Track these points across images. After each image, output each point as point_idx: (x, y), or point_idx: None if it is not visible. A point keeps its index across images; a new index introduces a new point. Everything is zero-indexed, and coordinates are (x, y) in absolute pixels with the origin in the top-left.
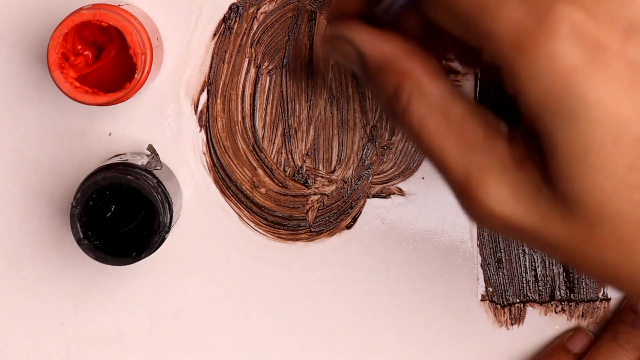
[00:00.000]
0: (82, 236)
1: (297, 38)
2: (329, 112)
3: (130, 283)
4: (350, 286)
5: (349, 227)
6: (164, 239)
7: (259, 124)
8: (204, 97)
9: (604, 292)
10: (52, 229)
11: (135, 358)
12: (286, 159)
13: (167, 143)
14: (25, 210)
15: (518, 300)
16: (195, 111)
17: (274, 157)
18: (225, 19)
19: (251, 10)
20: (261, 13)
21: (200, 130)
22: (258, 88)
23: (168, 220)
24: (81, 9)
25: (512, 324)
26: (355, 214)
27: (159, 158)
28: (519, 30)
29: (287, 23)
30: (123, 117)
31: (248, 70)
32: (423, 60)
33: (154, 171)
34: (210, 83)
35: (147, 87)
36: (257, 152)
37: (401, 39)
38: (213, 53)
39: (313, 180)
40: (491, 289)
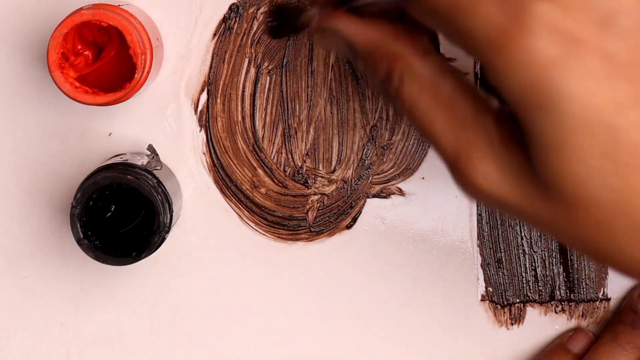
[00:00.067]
0: (82, 236)
1: (297, 38)
2: (329, 112)
3: (130, 283)
4: (350, 286)
5: (349, 227)
6: (164, 239)
7: (259, 124)
8: (204, 97)
9: (604, 292)
10: (52, 229)
11: (135, 358)
12: (286, 159)
13: (167, 143)
14: (25, 210)
15: (518, 300)
16: (195, 111)
17: (274, 157)
18: (225, 19)
19: (251, 10)
20: (261, 13)
21: (200, 130)
22: (258, 88)
23: (168, 220)
24: (81, 9)
25: (512, 324)
26: (355, 214)
27: (159, 158)
28: (496, 28)
29: None
30: (123, 117)
31: (248, 70)
32: (411, 41)
33: (154, 171)
34: (210, 83)
35: (147, 87)
36: (257, 152)
37: (387, 23)
38: (213, 53)
39: (313, 180)
40: (491, 289)
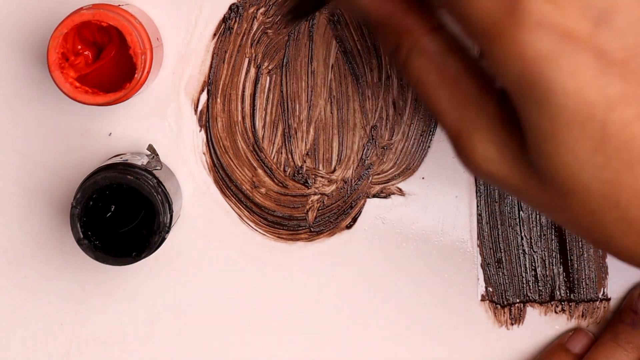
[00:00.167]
0: (82, 236)
1: (297, 38)
2: (329, 112)
3: (130, 283)
4: (350, 286)
5: (349, 227)
6: (164, 239)
7: (259, 124)
8: (204, 97)
9: (604, 292)
10: (52, 229)
11: (135, 358)
12: (286, 159)
13: (167, 143)
14: (25, 210)
15: (518, 300)
16: (195, 111)
17: (274, 157)
18: (225, 19)
19: (251, 10)
20: (261, 13)
21: (200, 130)
22: (258, 88)
23: (168, 220)
24: (81, 9)
25: (512, 324)
26: (355, 214)
27: (159, 158)
28: (491, 19)
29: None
30: (123, 117)
31: (248, 70)
32: (421, 16)
33: (154, 171)
34: (210, 83)
35: (147, 87)
36: (257, 152)
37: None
38: (213, 53)
39: (313, 180)
40: (491, 289)
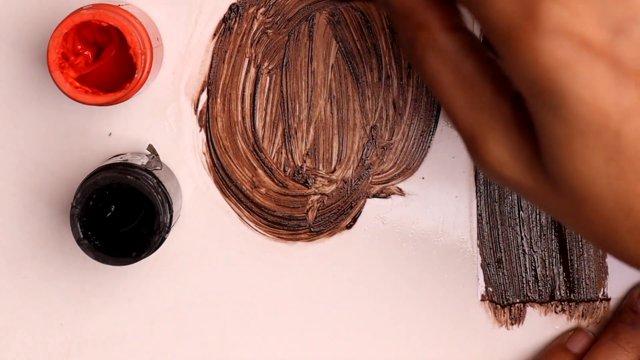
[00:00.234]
0: (82, 236)
1: (297, 38)
2: (329, 112)
3: (130, 283)
4: (350, 286)
5: (349, 227)
6: (164, 239)
7: (259, 124)
8: (204, 97)
9: (604, 292)
10: (52, 229)
11: (135, 358)
12: (286, 159)
13: (167, 143)
14: (25, 210)
15: (518, 300)
16: (195, 111)
17: (274, 157)
18: (225, 19)
19: (251, 10)
20: (261, 13)
21: (200, 130)
22: (258, 88)
23: (168, 220)
24: (81, 9)
25: (512, 324)
26: (355, 214)
27: (159, 158)
28: (510, 22)
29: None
30: (123, 117)
31: (248, 70)
32: (442, 13)
33: (154, 171)
34: (210, 83)
35: (147, 87)
36: (257, 152)
37: None
38: (213, 53)
39: (313, 180)
40: (491, 289)
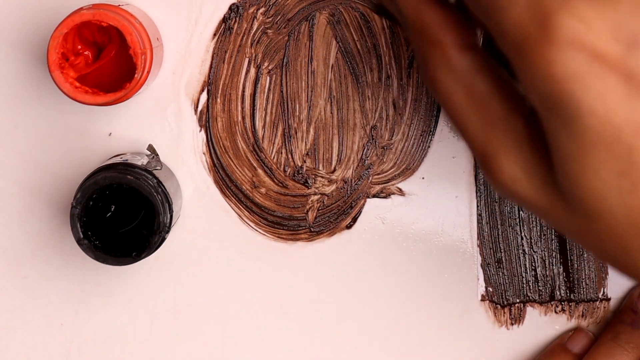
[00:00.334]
0: (82, 236)
1: (297, 38)
2: (329, 112)
3: (130, 283)
4: (350, 286)
5: (349, 227)
6: (164, 239)
7: (259, 124)
8: (204, 97)
9: (604, 292)
10: (52, 229)
11: (135, 358)
12: (286, 159)
13: (167, 143)
14: (25, 210)
15: (518, 300)
16: (195, 111)
17: (274, 157)
18: (225, 19)
19: (251, 10)
20: (261, 13)
21: (200, 130)
22: (258, 88)
23: (168, 220)
24: (81, 9)
25: (512, 324)
26: (355, 214)
27: (159, 158)
28: (524, 33)
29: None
30: (123, 117)
31: (248, 70)
32: (456, 31)
33: (154, 171)
34: (210, 83)
35: (147, 87)
36: (257, 152)
37: (440, 8)
38: (213, 53)
39: (313, 180)
40: (491, 289)
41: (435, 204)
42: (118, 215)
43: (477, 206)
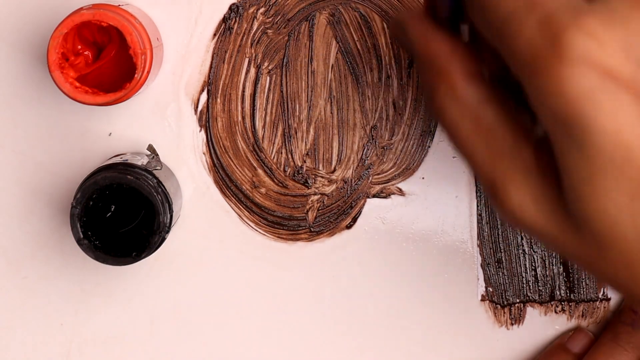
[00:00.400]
0: (82, 236)
1: (297, 38)
2: (329, 112)
3: (130, 283)
4: (350, 286)
5: (349, 227)
6: (164, 239)
7: (259, 124)
8: (204, 97)
9: (604, 292)
10: (52, 229)
11: (135, 358)
12: (286, 159)
13: (167, 143)
14: (25, 210)
15: (518, 300)
16: (195, 111)
17: (274, 157)
18: (225, 19)
19: (251, 10)
20: (261, 13)
21: (200, 130)
22: (258, 88)
23: (168, 220)
24: (81, 9)
25: (512, 324)
26: (355, 214)
27: (159, 158)
28: (534, 53)
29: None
30: (123, 117)
31: (248, 70)
32: (463, 63)
33: (154, 171)
34: (210, 83)
35: (147, 87)
36: (257, 152)
37: (448, 40)
38: (213, 53)
39: (313, 180)
40: (491, 289)
41: (435, 204)
42: (118, 215)
43: (477, 206)
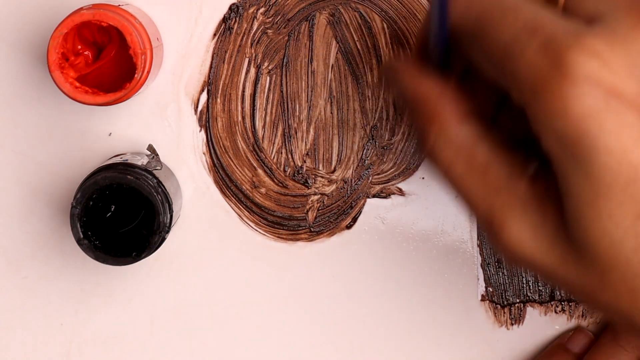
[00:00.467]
0: (82, 236)
1: (297, 38)
2: (329, 112)
3: (130, 283)
4: (350, 286)
5: (349, 227)
6: (164, 239)
7: (259, 124)
8: (204, 97)
9: None
10: (52, 229)
11: (135, 358)
12: (286, 159)
13: (167, 143)
14: (25, 210)
15: (518, 300)
16: (195, 111)
17: (274, 157)
18: (225, 19)
19: (251, 10)
20: (261, 13)
21: (200, 130)
22: (258, 88)
23: (168, 220)
24: (81, 9)
25: (512, 324)
26: (355, 214)
27: (159, 158)
28: (537, 75)
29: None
30: (123, 117)
31: (248, 70)
32: (453, 104)
33: (154, 171)
34: (210, 83)
35: (147, 87)
36: (257, 152)
37: (438, 82)
38: (213, 53)
39: (313, 180)
40: (491, 289)
41: (435, 204)
42: (118, 215)
43: None
